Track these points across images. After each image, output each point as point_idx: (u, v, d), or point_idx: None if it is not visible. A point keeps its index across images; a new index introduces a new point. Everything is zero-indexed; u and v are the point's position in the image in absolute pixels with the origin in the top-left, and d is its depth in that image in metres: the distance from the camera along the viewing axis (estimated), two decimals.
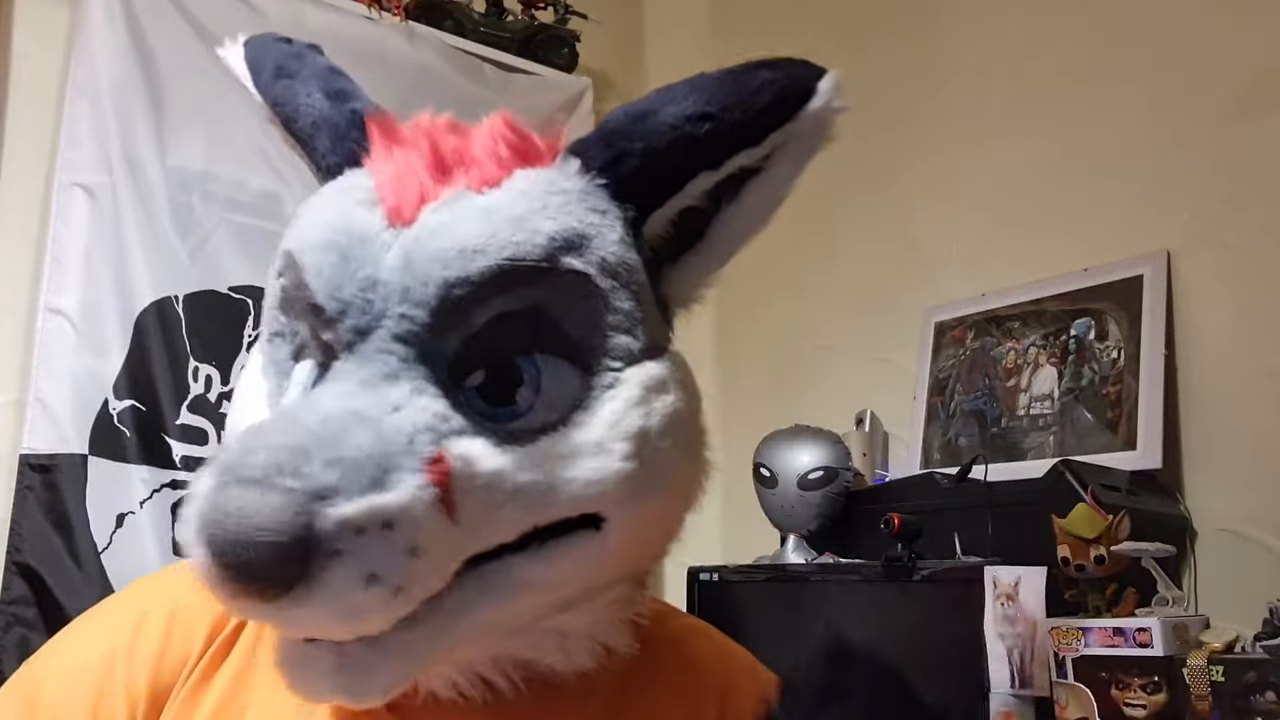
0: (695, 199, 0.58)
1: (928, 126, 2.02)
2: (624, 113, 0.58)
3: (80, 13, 1.75)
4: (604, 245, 0.54)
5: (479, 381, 0.52)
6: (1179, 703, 1.13)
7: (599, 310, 0.54)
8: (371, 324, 0.50)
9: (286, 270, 0.55)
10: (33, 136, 1.73)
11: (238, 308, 1.83)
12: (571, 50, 2.36)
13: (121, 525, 1.64)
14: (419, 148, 0.55)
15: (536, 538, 0.52)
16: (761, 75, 0.57)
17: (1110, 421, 1.56)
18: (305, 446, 0.45)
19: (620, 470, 0.52)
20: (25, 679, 0.61)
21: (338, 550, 0.43)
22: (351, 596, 0.44)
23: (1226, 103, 1.55)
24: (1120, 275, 1.63)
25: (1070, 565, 1.25)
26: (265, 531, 0.42)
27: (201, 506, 0.45)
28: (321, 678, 0.49)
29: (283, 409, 0.51)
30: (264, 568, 0.43)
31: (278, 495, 0.43)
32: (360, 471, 0.45)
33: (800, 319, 2.22)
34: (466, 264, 0.50)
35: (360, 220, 0.52)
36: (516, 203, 0.53)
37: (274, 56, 0.65)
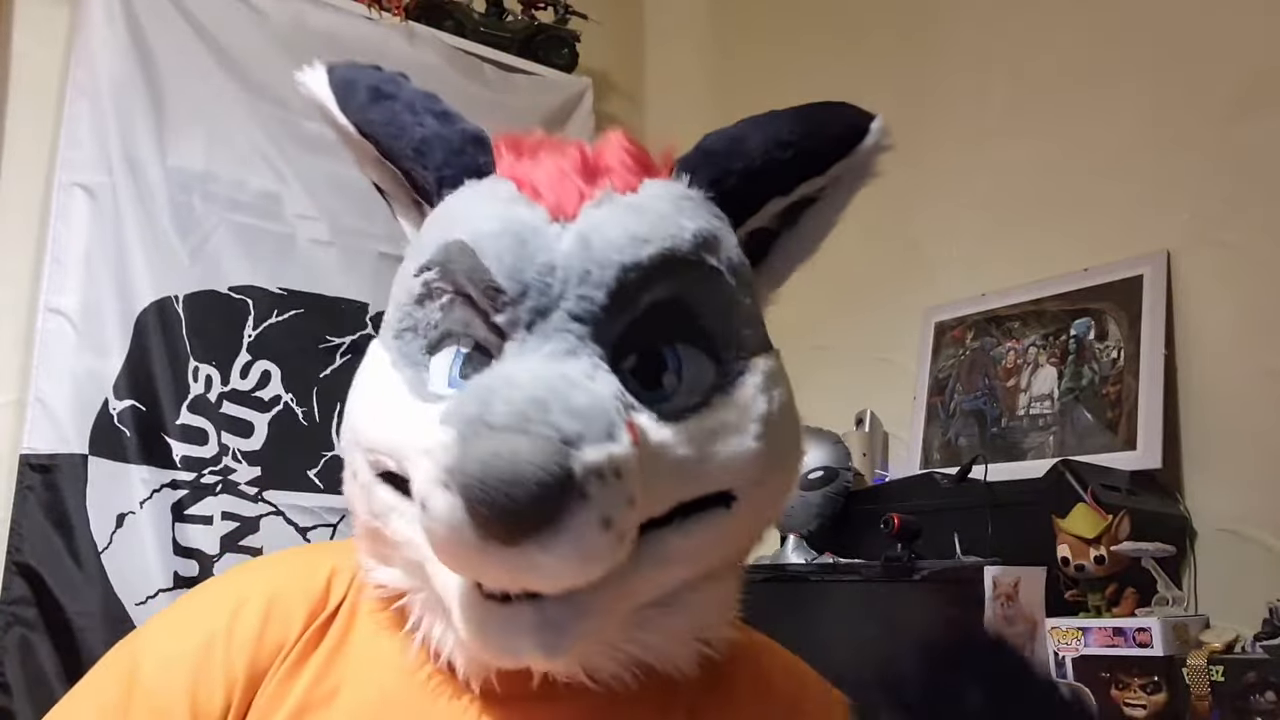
0: (766, 220, 0.65)
1: (928, 126, 2.02)
2: (722, 136, 0.64)
3: (80, 13, 1.75)
4: (729, 247, 0.61)
5: (632, 365, 0.56)
6: (1179, 703, 1.13)
7: (729, 305, 0.60)
8: (550, 305, 0.55)
9: (451, 260, 0.58)
10: (33, 136, 1.73)
11: (238, 308, 1.83)
12: (571, 50, 2.36)
13: (122, 525, 1.64)
14: (564, 154, 0.61)
15: (679, 513, 0.56)
16: (829, 112, 0.65)
17: (1110, 421, 1.56)
18: (543, 398, 0.49)
19: (754, 449, 0.58)
20: (124, 658, 0.63)
21: (586, 493, 0.47)
22: (592, 540, 0.48)
23: (1226, 103, 1.55)
24: (1120, 275, 1.63)
25: (1070, 565, 1.25)
26: (535, 472, 0.46)
27: (455, 456, 0.47)
28: (521, 636, 0.52)
29: (492, 376, 0.53)
30: (528, 506, 0.46)
31: (539, 440, 0.47)
32: (597, 422, 0.49)
33: (799, 319, 2.20)
34: (638, 250, 0.56)
35: (526, 214, 0.57)
36: (660, 204, 0.59)
37: (367, 80, 0.67)
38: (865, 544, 1.57)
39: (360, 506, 0.62)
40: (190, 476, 1.72)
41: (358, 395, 0.63)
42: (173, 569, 1.65)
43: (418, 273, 0.60)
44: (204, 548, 1.70)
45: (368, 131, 0.66)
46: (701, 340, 0.58)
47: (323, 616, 0.64)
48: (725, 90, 2.50)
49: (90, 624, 1.55)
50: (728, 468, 0.57)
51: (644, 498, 0.52)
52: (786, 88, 2.39)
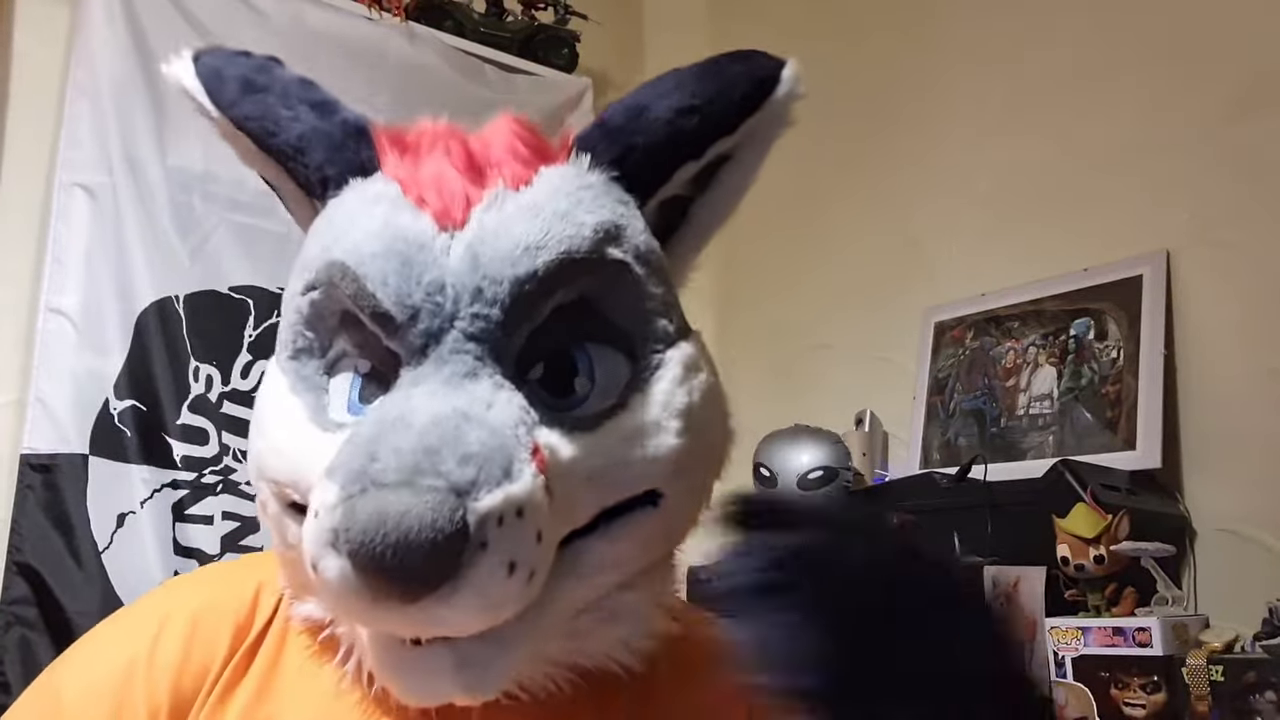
0: (679, 188, 0.61)
1: (927, 126, 2.02)
2: (621, 108, 0.60)
3: (80, 13, 1.75)
4: (635, 234, 0.57)
5: (539, 375, 0.54)
6: (1178, 702, 1.13)
7: (639, 297, 0.57)
8: (443, 326, 0.51)
9: (331, 281, 0.54)
10: (33, 136, 1.73)
11: (238, 307, 1.83)
12: (571, 50, 2.36)
13: (122, 525, 1.64)
14: (446, 151, 0.56)
15: (603, 519, 0.54)
16: (735, 67, 0.60)
17: (1110, 421, 1.57)
18: (433, 446, 0.46)
19: (677, 445, 0.55)
20: (45, 687, 0.61)
21: (484, 542, 0.45)
22: (497, 587, 0.46)
23: (1226, 103, 1.55)
24: (1120, 275, 1.63)
25: (1070, 565, 1.25)
26: (425, 531, 0.43)
27: (340, 517, 0.44)
28: (440, 678, 0.49)
29: (381, 416, 0.49)
30: (422, 567, 0.43)
31: (428, 495, 0.44)
32: (492, 465, 0.46)
33: (800, 318, 2.22)
34: (532, 260, 0.52)
35: (409, 226, 0.53)
36: (556, 199, 0.55)
37: (237, 70, 0.62)
38: None
39: (275, 537, 0.59)
40: (191, 476, 1.72)
41: (257, 424, 0.59)
42: (173, 569, 1.65)
43: (304, 291, 0.56)
44: (204, 548, 1.70)
45: (242, 126, 0.61)
46: (612, 337, 0.56)
47: (250, 637, 0.60)
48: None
49: (90, 624, 1.53)
50: (650, 468, 0.54)
51: (563, 512, 0.50)
52: None
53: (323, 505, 0.46)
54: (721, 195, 0.62)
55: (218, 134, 0.64)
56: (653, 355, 0.57)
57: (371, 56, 2.02)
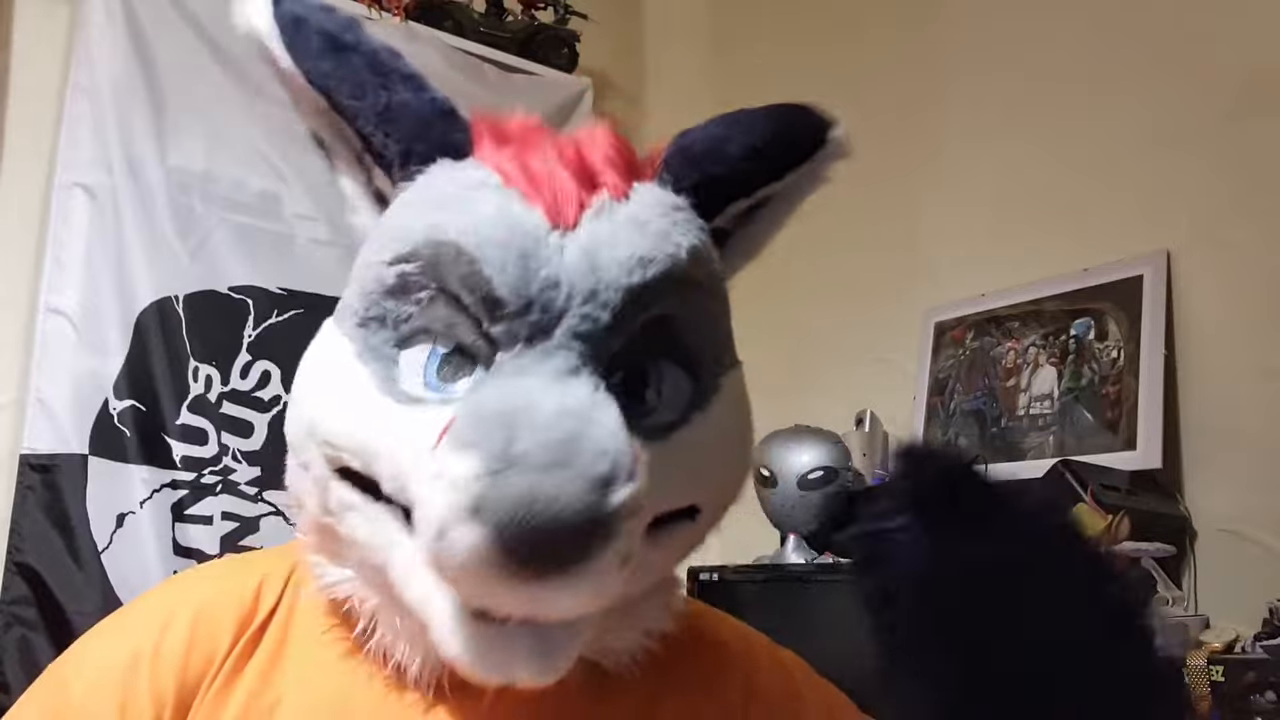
0: (724, 221, 0.63)
1: (928, 127, 2.02)
2: (705, 137, 0.62)
3: (80, 13, 1.75)
4: (712, 262, 0.60)
5: (619, 381, 0.55)
6: None
7: (709, 321, 0.60)
8: (552, 321, 0.52)
9: (437, 258, 0.54)
10: (33, 136, 1.73)
11: (238, 308, 1.83)
12: (571, 50, 2.36)
13: (122, 525, 1.63)
14: (558, 150, 0.57)
15: (652, 526, 0.56)
16: (796, 118, 0.65)
17: (1110, 421, 1.56)
18: (571, 436, 0.48)
19: (724, 466, 0.60)
20: (51, 680, 0.61)
21: (615, 532, 0.47)
22: (612, 575, 0.48)
23: (1226, 103, 1.55)
24: (1120, 275, 1.63)
25: None
26: (570, 515, 0.45)
27: (486, 490, 0.46)
28: (516, 658, 0.51)
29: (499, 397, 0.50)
30: (565, 550, 0.46)
31: (574, 482, 0.46)
32: (623, 462, 0.48)
33: (800, 319, 2.22)
34: (645, 272, 0.54)
35: (524, 218, 0.54)
36: (656, 217, 0.57)
37: (321, 23, 0.60)
38: None
39: (312, 501, 0.59)
40: (190, 476, 1.72)
41: (314, 384, 0.59)
42: (173, 569, 1.65)
43: (393, 261, 0.56)
44: (204, 548, 1.70)
45: (319, 83, 0.59)
46: (683, 357, 0.58)
47: (253, 626, 0.61)
48: (725, 90, 2.50)
49: (90, 624, 1.53)
50: (701, 484, 0.58)
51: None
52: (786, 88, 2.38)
53: (461, 476, 0.46)
54: (754, 236, 0.66)
55: (280, 81, 0.62)
56: (713, 379, 0.59)
57: None
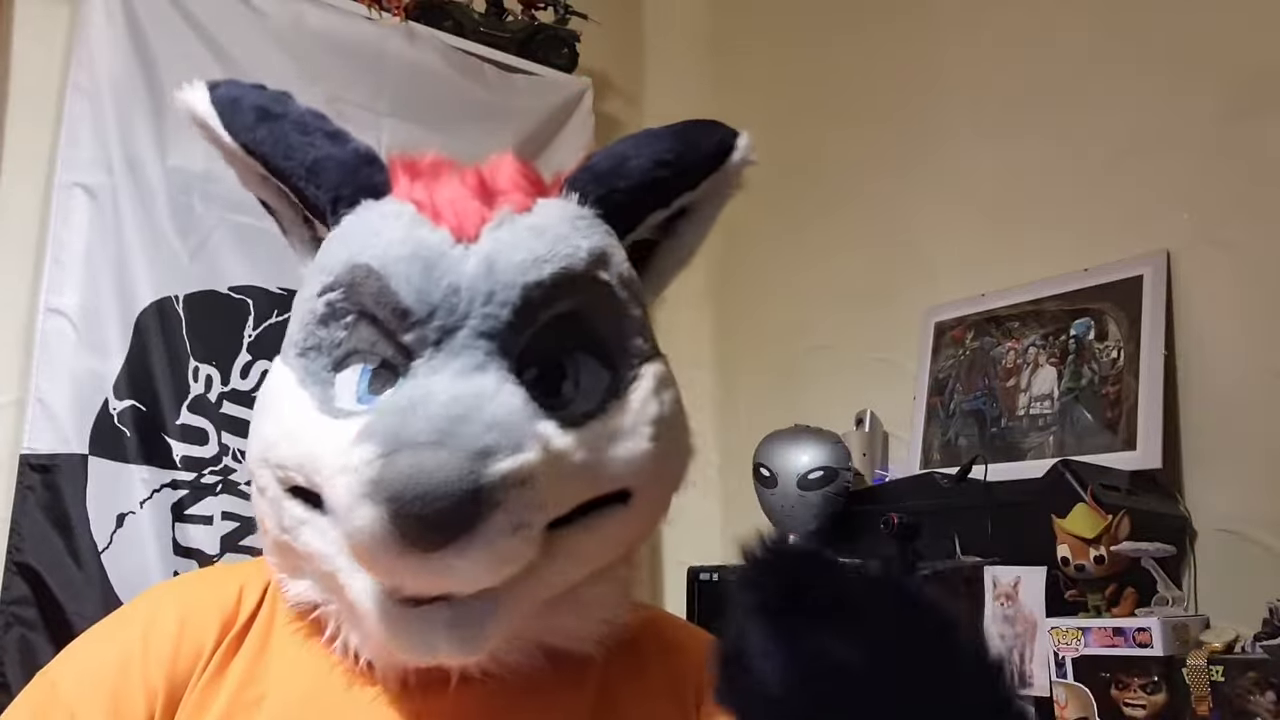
0: (647, 232, 0.70)
1: (927, 125, 2.02)
2: (607, 155, 0.68)
3: (80, 13, 1.75)
4: (620, 262, 0.66)
5: (534, 376, 0.60)
6: (1179, 703, 1.13)
7: (620, 315, 0.65)
8: (457, 324, 0.58)
9: (354, 281, 0.61)
10: (33, 136, 1.73)
11: (238, 308, 1.83)
12: (571, 50, 2.36)
13: (122, 525, 1.63)
14: (460, 178, 0.64)
15: (580, 512, 0.60)
16: (700, 131, 0.70)
17: (1110, 421, 1.56)
18: (459, 414, 0.53)
19: (649, 449, 0.62)
20: (40, 683, 0.64)
21: (499, 501, 0.51)
22: (505, 543, 0.52)
23: (1226, 103, 1.55)
24: (1120, 275, 1.63)
25: (1070, 565, 1.25)
26: (455, 483, 0.50)
27: (378, 470, 0.51)
28: (438, 635, 0.55)
29: (407, 393, 0.56)
30: (444, 519, 0.50)
31: (454, 455, 0.51)
32: (509, 435, 0.53)
33: (800, 319, 2.22)
34: (540, 270, 0.60)
35: (428, 237, 0.60)
36: (556, 223, 0.63)
37: (253, 99, 0.68)
38: (865, 544, 1.57)
39: (270, 522, 0.64)
40: (190, 476, 1.72)
41: (264, 413, 0.64)
42: (173, 569, 1.65)
43: (321, 293, 0.63)
44: (204, 548, 1.70)
45: (255, 151, 0.67)
46: (597, 350, 0.63)
47: (236, 628, 0.66)
48: (725, 90, 2.50)
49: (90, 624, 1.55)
50: (625, 468, 0.61)
51: (557, 498, 0.56)
52: (785, 88, 2.39)
53: (360, 461, 0.52)
54: (680, 243, 0.72)
55: (224, 159, 0.71)
56: (630, 368, 0.64)
57: (371, 56, 2.02)
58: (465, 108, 2.14)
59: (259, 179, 0.69)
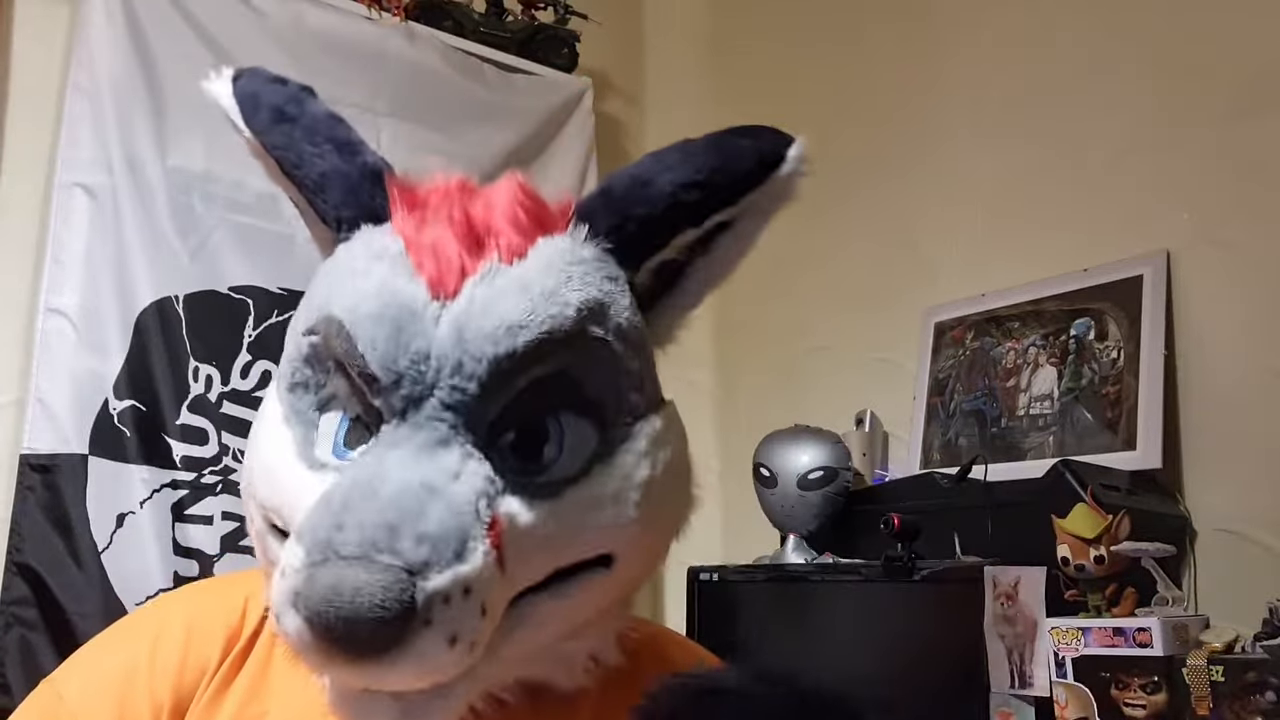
0: (675, 252, 0.63)
1: (927, 127, 2.02)
2: (626, 178, 0.62)
3: (80, 13, 1.75)
4: (619, 312, 0.60)
5: (510, 440, 0.56)
6: (1179, 703, 1.13)
7: (614, 372, 0.59)
8: (423, 393, 0.54)
9: (327, 333, 0.57)
10: (33, 136, 1.73)
11: (238, 308, 1.83)
12: (571, 50, 2.36)
13: (122, 525, 1.63)
14: (449, 216, 0.58)
15: (556, 578, 0.57)
16: (742, 143, 0.63)
17: (1110, 421, 1.56)
18: (393, 523, 0.49)
19: (632, 518, 0.58)
20: (45, 692, 0.64)
21: (429, 620, 0.48)
22: (437, 657, 0.49)
23: (1226, 103, 1.55)
24: (1120, 275, 1.63)
25: (1070, 565, 1.25)
26: (374, 608, 0.46)
27: (302, 582, 0.48)
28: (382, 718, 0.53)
29: (353, 479, 0.52)
30: (367, 639, 0.47)
31: (381, 573, 0.47)
32: (446, 546, 0.49)
33: (800, 319, 2.22)
34: (513, 340, 0.54)
35: (405, 292, 0.56)
36: (546, 276, 0.57)
37: (271, 98, 0.65)
38: (865, 544, 1.57)
39: (258, 552, 0.62)
40: (190, 476, 1.72)
41: (253, 446, 0.62)
42: (173, 569, 1.65)
43: (305, 333, 0.59)
44: (204, 548, 1.70)
45: (272, 153, 0.64)
46: (586, 409, 0.58)
47: (241, 642, 0.64)
48: (725, 90, 2.50)
49: (90, 624, 1.55)
50: (606, 536, 0.57)
51: (517, 574, 0.53)
52: (785, 88, 2.39)
53: (288, 566, 0.49)
54: (717, 260, 0.65)
55: (250, 153, 0.66)
56: (621, 428, 0.59)
57: (371, 56, 2.02)
58: (465, 108, 2.15)
59: (280, 176, 0.66)
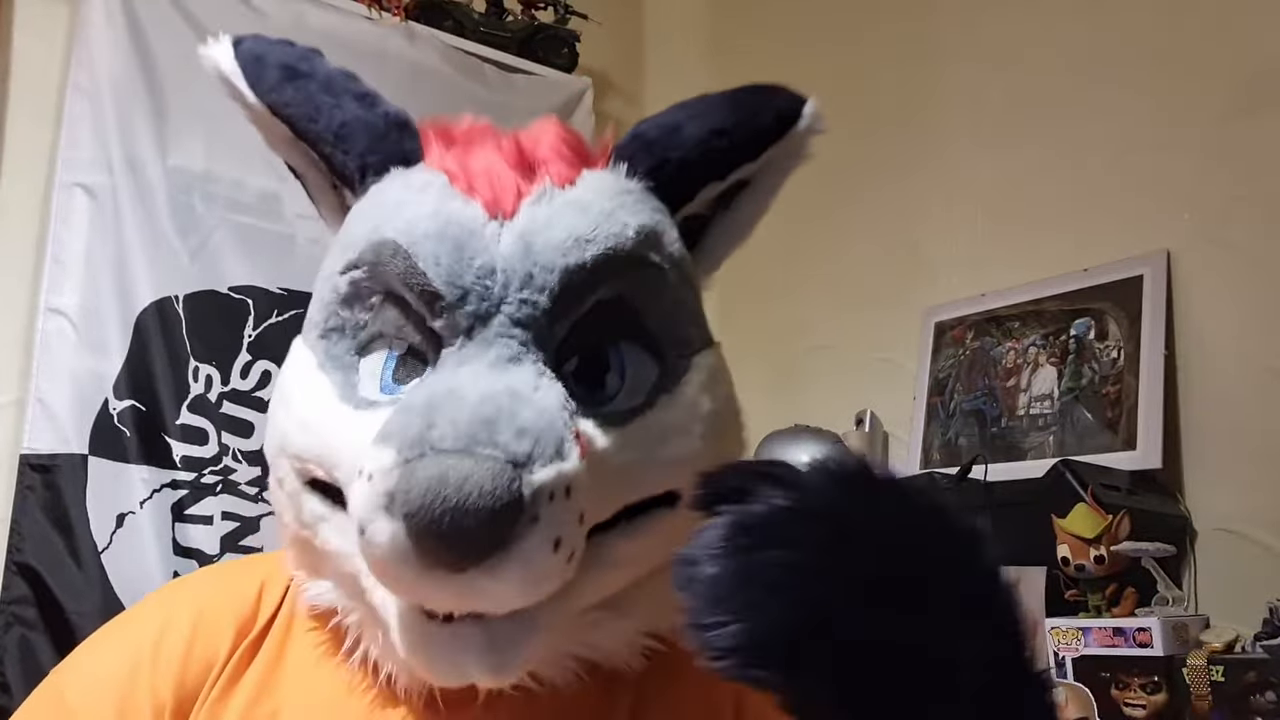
0: (700, 207, 0.63)
1: (928, 127, 2.02)
2: (656, 124, 0.62)
3: (80, 13, 1.75)
4: (671, 242, 0.59)
5: (574, 368, 0.54)
6: (1179, 702, 1.13)
7: (671, 302, 0.58)
8: (490, 310, 0.52)
9: (382, 261, 0.55)
10: (33, 136, 1.73)
11: (238, 308, 1.83)
12: (571, 50, 2.36)
13: (122, 525, 1.64)
14: (497, 146, 0.58)
15: (624, 516, 0.54)
16: (761, 98, 0.64)
17: (1110, 421, 1.56)
18: (490, 417, 0.47)
19: (699, 449, 0.56)
20: (48, 688, 0.61)
21: (536, 516, 0.45)
22: (543, 562, 0.46)
23: (1226, 103, 1.55)
24: (1120, 275, 1.63)
25: (1070, 565, 1.25)
26: (485, 496, 0.44)
27: (397, 480, 0.45)
28: (468, 657, 0.50)
29: (431, 388, 0.50)
30: (477, 534, 0.44)
31: (488, 463, 0.45)
32: (546, 440, 0.47)
33: (800, 319, 2.22)
34: (582, 252, 0.53)
35: (460, 211, 0.54)
36: (601, 199, 0.56)
37: (278, 57, 0.64)
38: None
39: (288, 516, 0.60)
40: (190, 476, 1.72)
41: (282, 400, 0.59)
42: (173, 569, 1.65)
43: (344, 270, 0.57)
44: (204, 548, 1.70)
45: (281, 112, 0.62)
46: (645, 339, 0.57)
47: (253, 633, 0.61)
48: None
49: (90, 624, 1.54)
50: (673, 469, 0.55)
51: (593, 503, 0.50)
52: None
53: (378, 469, 0.46)
54: (738, 218, 0.65)
55: (249, 119, 0.65)
56: (680, 360, 0.58)
57: (371, 56, 2.02)
58: (465, 108, 2.12)
59: (286, 142, 0.63)
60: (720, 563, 0.41)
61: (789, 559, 0.41)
